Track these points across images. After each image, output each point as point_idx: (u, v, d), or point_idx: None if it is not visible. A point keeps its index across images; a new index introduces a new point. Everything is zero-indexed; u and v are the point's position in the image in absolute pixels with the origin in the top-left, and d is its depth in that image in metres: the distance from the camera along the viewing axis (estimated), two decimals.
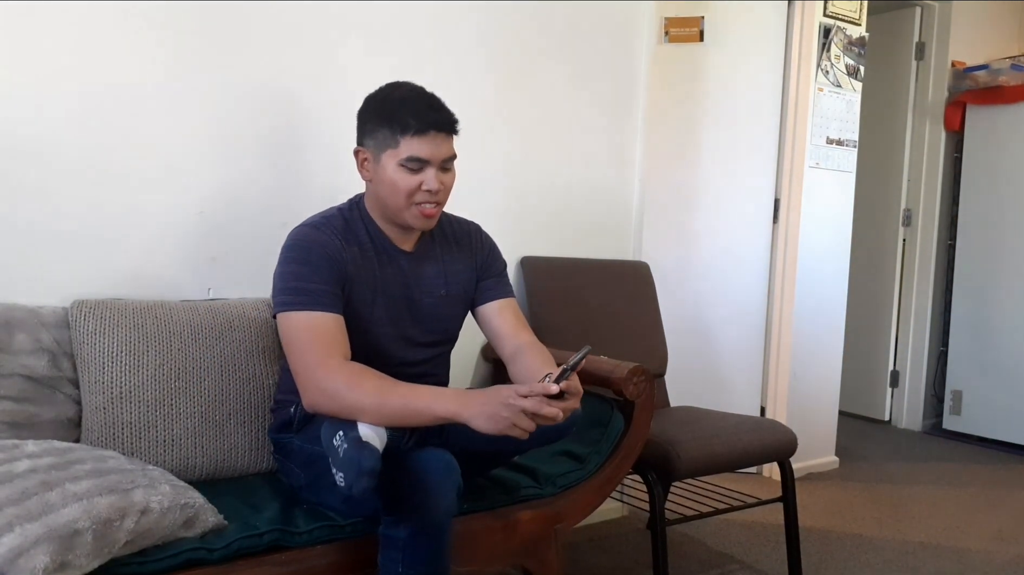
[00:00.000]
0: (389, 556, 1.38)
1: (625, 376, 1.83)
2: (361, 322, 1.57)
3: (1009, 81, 3.87)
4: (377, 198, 1.59)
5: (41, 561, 1.10)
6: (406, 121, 1.51)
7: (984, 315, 3.98)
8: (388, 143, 1.53)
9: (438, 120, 1.53)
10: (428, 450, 1.42)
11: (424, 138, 1.51)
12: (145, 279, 1.85)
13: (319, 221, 1.58)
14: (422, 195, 1.54)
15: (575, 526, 1.84)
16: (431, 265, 1.68)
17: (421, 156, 1.51)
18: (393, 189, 1.54)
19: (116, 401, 1.62)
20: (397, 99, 1.55)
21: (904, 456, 3.76)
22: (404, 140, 1.51)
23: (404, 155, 1.51)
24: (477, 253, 1.76)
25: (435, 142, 1.53)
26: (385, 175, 1.54)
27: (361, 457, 1.30)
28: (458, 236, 1.75)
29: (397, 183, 1.53)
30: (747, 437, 2.20)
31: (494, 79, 2.37)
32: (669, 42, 3.07)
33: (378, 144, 1.54)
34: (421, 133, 1.51)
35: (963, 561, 2.50)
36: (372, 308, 1.59)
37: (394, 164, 1.52)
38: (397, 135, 1.51)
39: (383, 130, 1.53)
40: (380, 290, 1.60)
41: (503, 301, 1.75)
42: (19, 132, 1.70)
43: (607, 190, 2.65)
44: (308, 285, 1.49)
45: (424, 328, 1.67)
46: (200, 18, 1.88)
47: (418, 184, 1.53)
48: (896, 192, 4.25)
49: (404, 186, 1.53)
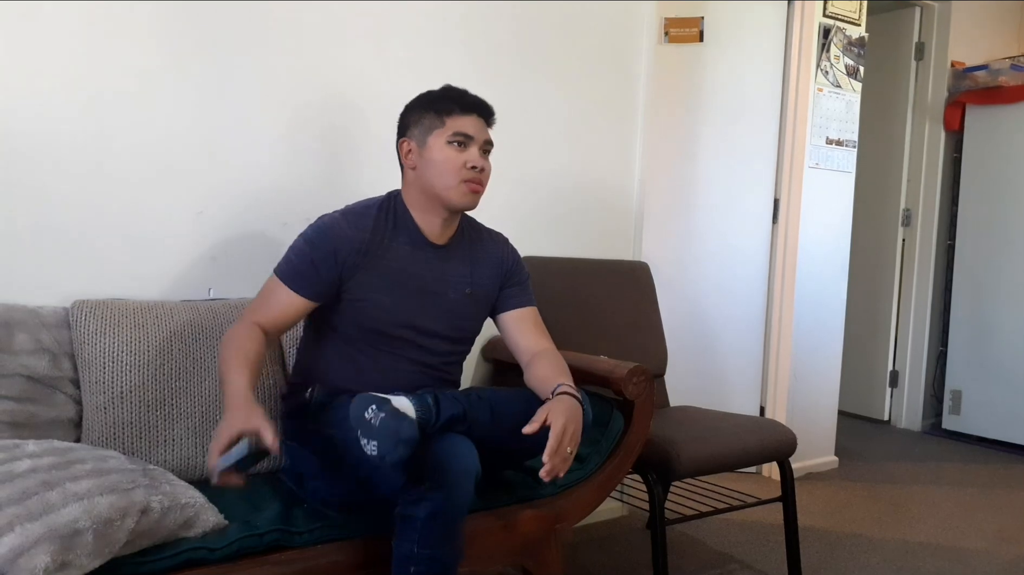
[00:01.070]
0: (405, 535, 1.39)
1: (625, 376, 1.83)
2: (363, 302, 1.62)
3: (1009, 81, 3.87)
4: (422, 184, 1.66)
5: (42, 561, 1.10)
6: (451, 105, 1.64)
7: (984, 315, 3.98)
8: (434, 125, 1.64)
9: (479, 104, 1.68)
10: (452, 435, 1.45)
11: (468, 117, 1.64)
12: (145, 279, 1.85)
13: (351, 208, 1.67)
14: (468, 172, 1.63)
15: (575, 526, 1.84)
16: (460, 262, 1.73)
17: (467, 132, 1.63)
18: (442, 167, 1.62)
19: (117, 401, 1.62)
20: (440, 91, 1.68)
21: (904, 456, 3.76)
22: (450, 119, 1.63)
23: (451, 131, 1.62)
24: (505, 261, 1.81)
25: (478, 124, 1.66)
26: (432, 155, 1.63)
27: (400, 426, 1.35)
28: (487, 243, 1.81)
29: (447, 159, 1.62)
30: (747, 437, 2.20)
31: (493, 81, 2.37)
32: (669, 42, 3.07)
33: (423, 130, 1.65)
34: (466, 113, 1.64)
35: (963, 561, 2.50)
36: (383, 292, 1.63)
37: (442, 143, 1.62)
38: (443, 116, 1.63)
39: (428, 116, 1.65)
40: (397, 278, 1.64)
41: (525, 310, 1.80)
42: (19, 132, 1.71)
43: (607, 190, 2.65)
44: (298, 263, 1.60)
45: (446, 322, 1.70)
46: (200, 19, 1.88)
47: (463, 161, 1.62)
48: (896, 192, 4.25)
49: (452, 163, 1.62)
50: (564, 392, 1.56)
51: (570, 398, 1.55)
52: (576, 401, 1.55)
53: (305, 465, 1.63)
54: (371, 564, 1.42)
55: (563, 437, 1.46)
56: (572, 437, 1.49)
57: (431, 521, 1.37)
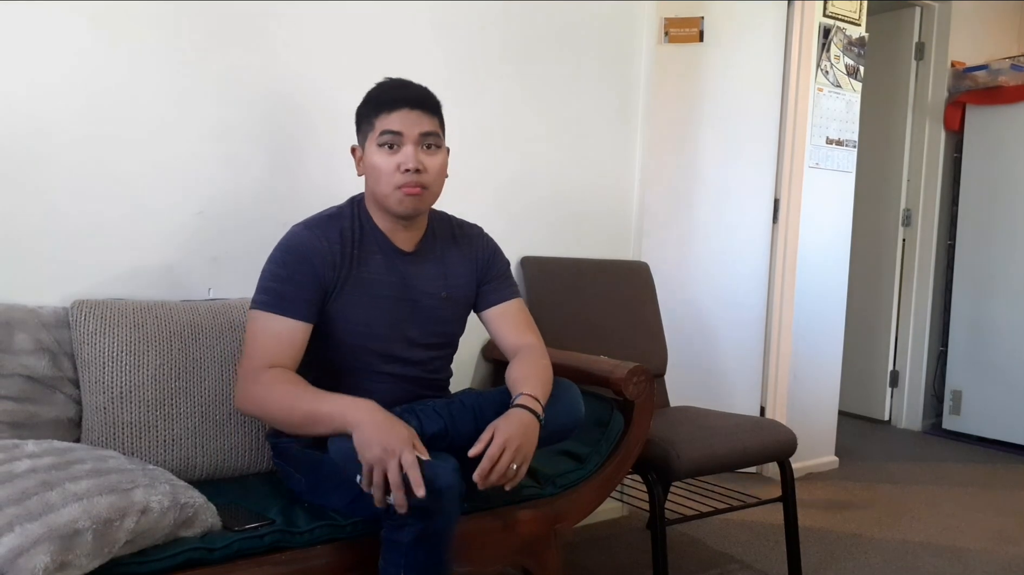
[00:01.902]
0: (391, 560, 1.38)
1: (625, 376, 1.83)
2: (350, 323, 1.57)
3: (1009, 81, 3.87)
4: (368, 191, 1.61)
5: (41, 561, 1.10)
6: (380, 102, 1.55)
7: (983, 315, 3.98)
8: (368, 129, 1.56)
9: (407, 96, 1.54)
10: (434, 454, 1.40)
11: (394, 113, 1.52)
12: (145, 279, 1.85)
13: (314, 221, 1.59)
14: (401, 177, 1.52)
15: (575, 526, 1.84)
16: (432, 266, 1.67)
17: (393, 129, 1.52)
18: (376, 173, 1.55)
19: (116, 401, 1.62)
20: (375, 89, 1.59)
21: (904, 456, 3.76)
22: (377, 119, 1.54)
23: (378, 132, 1.53)
24: (479, 256, 1.75)
25: (408, 117, 1.53)
26: (370, 161, 1.56)
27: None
28: (459, 239, 1.74)
29: (378, 166, 1.54)
30: (747, 437, 2.20)
31: (493, 80, 2.37)
32: (669, 42, 3.07)
33: (363, 135, 1.59)
34: (391, 109, 1.53)
35: (963, 561, 2.50)
36: (363, 308, 1.58)
37: (374, 147, 1.54)
38: (372, 118, 1.55)
39: (365, 120, 1.58)
40: (374, 290, 1.59)
41: (506, 304, 1.75)
42: (19, 132, 1.70)
43: (607, 190, 2.65)
44: (281, 287, 1.50)
45: (424, 329, 1.66)
46: (201, 18, 1.88)
47: (396, 164, 1.53)
48: (896, 192, 4.25)
49: (384, 168, 1.53)
50: (519, 405, 1.50)
51: (523, 411, 1.49)
52: (530, 413, 1.49)
53: (293, 483, 1.61)
54: (371, 564, 1.42)
55: (502, 454, 1.41)
56: (517, 452, 1.43)
57: (416, 546, 1.35)
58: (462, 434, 1.48)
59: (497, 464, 1.41)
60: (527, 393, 1.53)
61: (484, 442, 1.42)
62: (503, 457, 1.42)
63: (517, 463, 1.44)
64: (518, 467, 1.44)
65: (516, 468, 1.44)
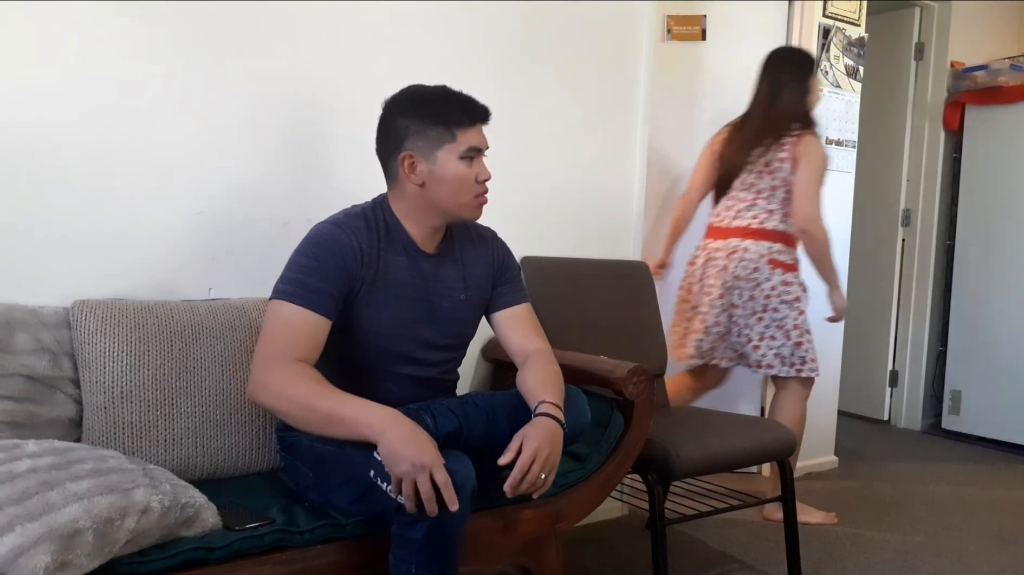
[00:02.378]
0: (401, 556, 1.38)
1: (625, 376, 1.83)
2: (373, 322, 1.58)
3: (1008, 81, 3.87)
4: (431, 201, 1.59)
5: (42, 561, 1.10)
6: (459, 116, 1.56)
7: (983, 315, 3.98)
8: (444, 139, 1.56)
9: (484, 112, 1.60)
10: (447, 452, 1.41)
11: (473, 129, 1.58)
12: (145, 279, 1.85)
13: (342, 219, 1.59)
14: (479, 187, 1.60)
15: (575, 526, 1.84)
16: (452, 268, 1.69)
17: (479, 145, 1.58)
18: (457, 185, 1.57)
19: (117, 401, 1.62)
20: (440, 98, 1.59)
21: (903, 456, 3.76)
22: (461, 133, 1.56)
23: (463, 147, 1.56)
24: (496, 258, 1.77)
25: (481, 132, 1.60)
26: (446, 172, 1.56)
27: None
28: (476, 242, 1.76)
29: (460, 178, 1.57)
30: (747, 437, 2.20)
31: (493, 79, 2.37)
32: (672, 40, 3.06)
33: (430, 143, 1.56)
34: (471, 124, 1.57)
35: (963, 561, 2.50)
36: (386, 308, 1.59)
37: (454, 158, 1.56)
38: (454, 129, 1.56)
39: (435, 128, 1.56)
40: (397, 292, 1.60)
41: (516, 308, 1.77)
42: (19, 133, 1.70)
43: (607, 190, 2.65)
44: (308, 280, 1.49)
45: (441, 331, 1.67)
46: (200, 18, 1.88)
47: (476, 175, 1.59)
48: (895, 192, 4.25)
49: (466, 180, 1.57)
50: (543, 414, 1.51)
51: (549, 420, 1.50)
52: (555, 422, 1.51)
53: (300, 477, 1.61)
54: (371, 564, 1.42)
55: (533, 463, 1.43)
56: (547, 462, 1.45)
57: (428, 542, 1.35)
58: (475, 434, 1.50)
59: (528, 474, 1.43)
60: (549, 401, 1.54)
61: (514, 451, 1.44)
62: (533, 466, 1.44)
63: (546, 472, 1.46)
64: (546, 476, 1.47)
65: (544, 477, 1.46)
